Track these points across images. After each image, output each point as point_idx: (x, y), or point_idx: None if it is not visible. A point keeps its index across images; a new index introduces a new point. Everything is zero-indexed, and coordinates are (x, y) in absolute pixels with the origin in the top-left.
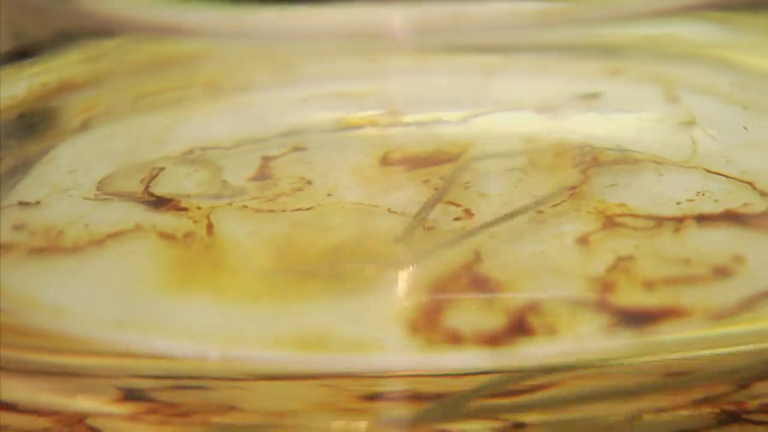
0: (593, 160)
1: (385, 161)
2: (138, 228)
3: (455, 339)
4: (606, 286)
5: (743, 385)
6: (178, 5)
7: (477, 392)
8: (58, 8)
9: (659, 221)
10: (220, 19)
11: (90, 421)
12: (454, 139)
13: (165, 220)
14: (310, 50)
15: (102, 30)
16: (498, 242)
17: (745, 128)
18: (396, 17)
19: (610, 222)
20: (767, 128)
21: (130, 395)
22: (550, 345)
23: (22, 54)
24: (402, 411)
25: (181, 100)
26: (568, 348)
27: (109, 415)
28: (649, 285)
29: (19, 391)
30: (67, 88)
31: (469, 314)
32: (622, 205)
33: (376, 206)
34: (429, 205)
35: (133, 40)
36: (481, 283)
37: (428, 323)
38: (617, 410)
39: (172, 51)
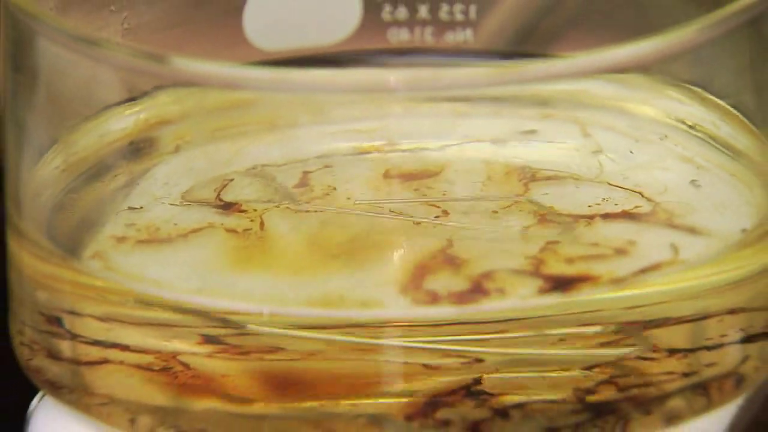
0: (532, 177)
1: (387, 175)
2: (211, 225)
3: (434, 298)
4: (539, 261)
5: (636, 332)
6: (243, 66)
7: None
8: (158, 68)
9: (576, 218)
10: (273, 75)
11: (180, 358)
12: (435, 161)
13: (230, 219)
14: (335, 99)
15: (187, 81)
16: (465, 232)
17: (631, 152)
18: (393, 77)
19: (543, 219)
20: (650, 155)
21: (207, 339)
22: (500, 302)
23: (130, 99)
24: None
25: (244, 133)
26: (513, 304)
27: (193, 354)
28: (569, 260)
29: (131, 337)
30: (162, 123)
31: (443, 281)
32: (551, 207)
33: (381, 207)
34: None
35: (210, 88)
36: (451, 260)
37: (415, 287)
38: (548, 350)
39: (238, 97)
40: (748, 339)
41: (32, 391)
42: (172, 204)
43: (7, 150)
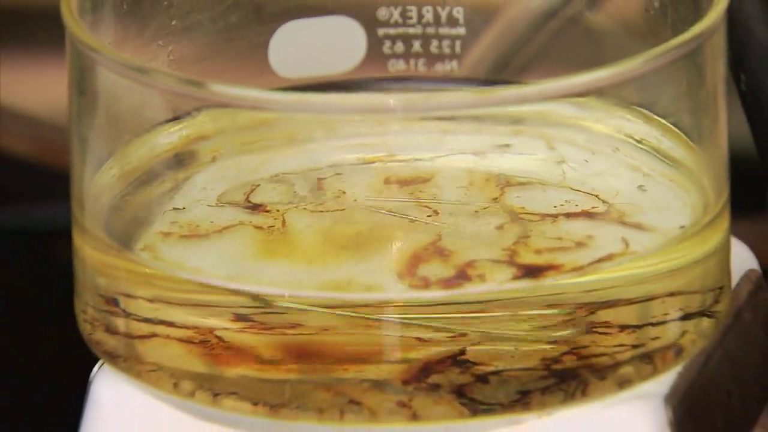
0: (506, 183)
1: (387, 182)
2: (241, 223)
3: (425, 283)
4: (513, 252)
5: (593, 311)
6: (268, 91)
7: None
8: (197, 92)
9: (543, 216)
10: (293, 98)
11: (215, 332)
12: (426, 170)
13: (257, 218)
14: (344, 119)
15: (222, 103)
16: (451, 229)
17: (586, 161)
18: (392, 100)
19: (516, 217)
20: (604, 165)
21: (238, 317)
22: (480, 286)
23: (174, 118)
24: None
25: (268, 146)
26: (491, 288)
27: (226, 329)
28: (538, 252)
29: (175, 315)
30: (201, 138)
31: (434, 269)
32: (522, 207)
33: (382, 208)
34: None
35: (240, 109)
36: (440, 251)
37: (410, 274)
38: (520, 326)
39: (263, 117)
40: (685, 317)
41: (93, 360)
42: (209, 205)
43: (73, 161)
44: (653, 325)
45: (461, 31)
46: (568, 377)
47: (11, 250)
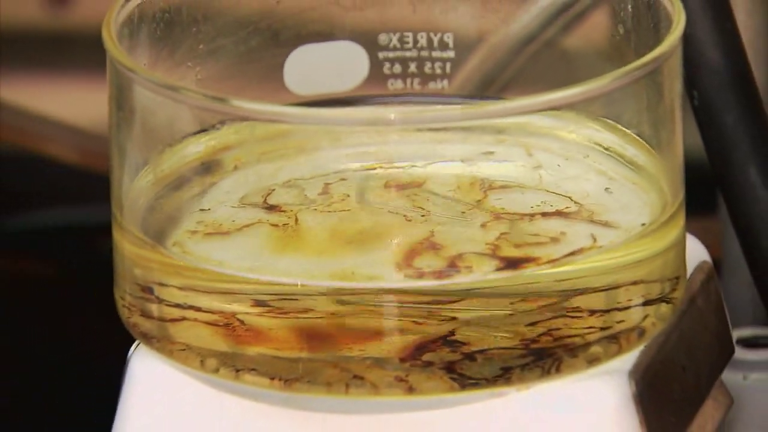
0: (489, 186)
1: (386, 186)
2: (259, 222)
3: (420, 274)
4: (495, 247)
5: (565, 298)
6: (283, 106)
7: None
8: (222, 108)
9: (522, 215)
10: (304, 113)
11: (237, 316)
12: (420, 175)
13: (273, 217)
14: (349, 130)
15: (243, 117)
16: (442, 226)
17: (558, 165)
18: (392, 114)
19: (498, 216)
20: (576, 170)
21: (257, 303)
22: (468, 277)
23: (202, 130)
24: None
25: (283, 155)
26: (477, 278)
27: (247, 314)
28: (518, 246)
29: (202, 301)
30: (225, 148)
31: (427, 261)
32: (503, 208)
33: (382, 208)
34: None
35: (259, 123)
36: (433, 246)
37: (406, 265)
38: (502, 311)
39: (279, 129)
40: (647, 303)
41: (130, 341)
42: (231, 206)
43: (113, 167)
44: (618, 310)
45: (451, 54)
46: (544, 355)
47: (59, 244)
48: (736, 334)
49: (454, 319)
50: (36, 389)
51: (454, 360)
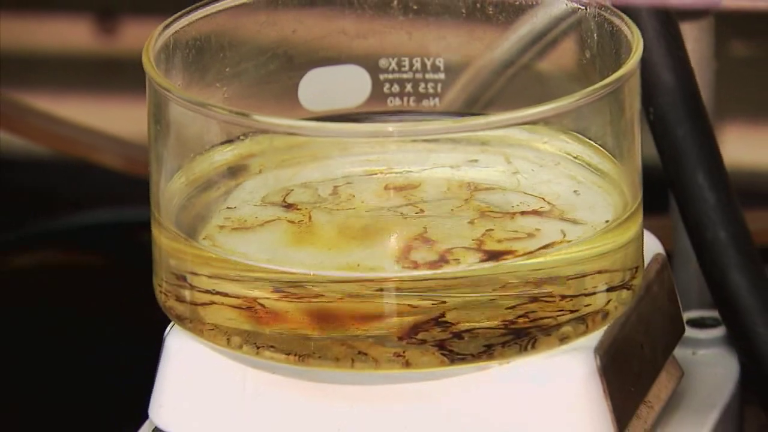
0: (475, 189)
1: (386, 188)
2: (278, 219)
3: (415, 265)
4: (480, 242)
5: (540, 285)
6: (298, 120)
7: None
8: (246, 122)
9: (503, 214)
10: (317, 126)
11: (259, 301)
12: (416, 180)
13: (290, 214)
14: (355, 141)
15: (264, 130)
16: (434, 223)
17: (533, 171)
18: (391, 127)
19: (483, 214)
20: (549, 175)
21: (276, 289)
22: (456, 267)
23: (228, 141)
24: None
25: (299, 162)
26: (465, 269)
27: (267, 298)
28: (500, 241)
29: (228, 288)
30: (248, 156)
31: (421, 254)
32: (488, 206)
33: (383, 208)
34: None
35: (278, 135)
36: (426, 240)
37: (404, 258)
38: (486, 296)
39: (295, 140)
40: (610, 289)
41: (167, 322)
42: (254, 205)
43: (151, 172)
44: (586, 295)
45: (442, 76)
46: (522, 334)
47: (105, 239)
48: (686, 315)
49: (444, 303)
50: (89, 362)
51: (445, 338)
